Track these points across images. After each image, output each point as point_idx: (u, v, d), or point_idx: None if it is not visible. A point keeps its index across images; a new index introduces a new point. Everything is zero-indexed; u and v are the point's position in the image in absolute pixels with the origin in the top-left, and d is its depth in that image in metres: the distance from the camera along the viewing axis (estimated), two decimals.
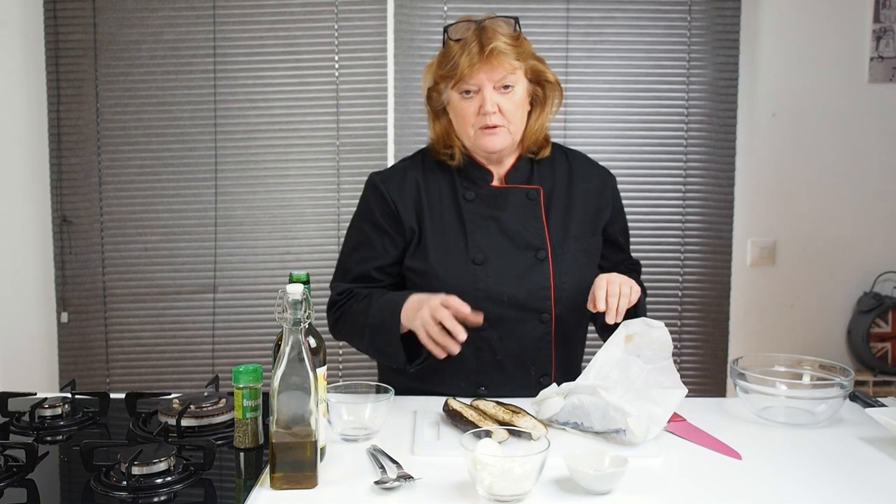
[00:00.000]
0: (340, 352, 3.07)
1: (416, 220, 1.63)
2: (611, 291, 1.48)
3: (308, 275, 1.27)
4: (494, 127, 1.56)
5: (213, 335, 3.06)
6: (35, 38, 2.93)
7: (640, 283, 1.68)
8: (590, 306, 1.51)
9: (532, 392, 1.49)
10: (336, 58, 2.99)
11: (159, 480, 1.17)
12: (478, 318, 1.48)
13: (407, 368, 1.56)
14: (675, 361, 1.48)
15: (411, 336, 1.53)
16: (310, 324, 1.23)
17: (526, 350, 1.61)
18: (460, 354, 1.57)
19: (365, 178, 2.95)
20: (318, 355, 1.27)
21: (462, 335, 1.45)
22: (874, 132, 3.04)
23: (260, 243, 3.05)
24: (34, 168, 2.99)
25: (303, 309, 1.17)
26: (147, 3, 2.94)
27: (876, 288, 3.08)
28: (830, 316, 3.12)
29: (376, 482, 1.18)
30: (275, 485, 1.17)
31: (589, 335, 1.76)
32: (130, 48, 2.96)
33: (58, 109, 2.96)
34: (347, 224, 2.97)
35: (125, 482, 1.15)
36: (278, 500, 1.15)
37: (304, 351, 1.16)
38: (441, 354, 1.47)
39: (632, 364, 1.45)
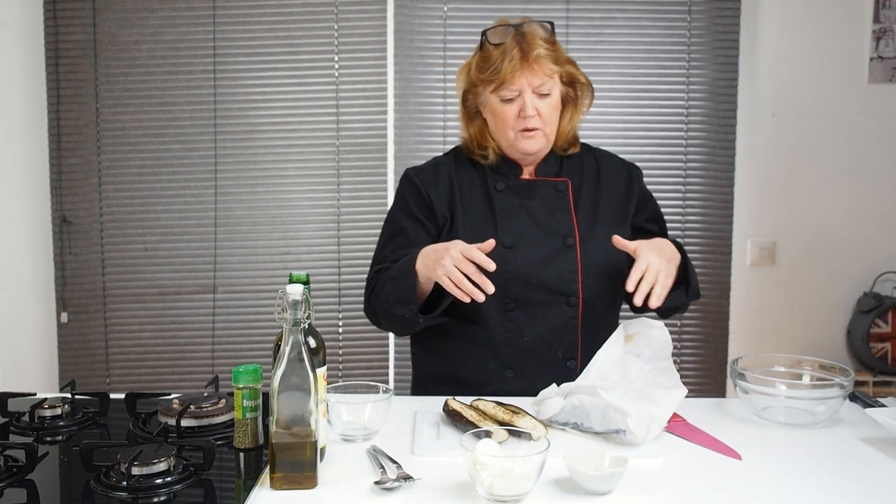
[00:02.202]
0: (340, 352, 3.08)
1: (449, 210, 1.69)
2: (647, 276, 1.48)
3: (308, 275, 1.27)
4: (533, 130, 1.61)
5: (213, 335, 3.06)
6: (35, 38, 2.93)
7: (680, 249, 1.66)
8: (627, 286, 1.50)
9: (557, 377, 1.50)
10: (336, 58, 2.99)
11: (159, 481, 1.17)
12: (491, 266, 1.47)
13: (418, 318, 1.58)
14: (675, 361, 1.48)
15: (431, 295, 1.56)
16: (310, 324, 1.23)
17: (553, 333, 1.63)
18: (488, 336, 1.61)
19: (364, 178, 3.02)
20: (318, 355, 1.27)
21: (490, 288, 1.46)
22: (874, 132, 3.04)
23: (260, 243, 3.05)
24: (34, 168, 2.99)
25: (302, 309, 1.17)
26: (147, 3, 2.94)
27: (876, 288, 3.08)
28: (830, 316, 3.12)
29: (376, 482, 1.18)
30: (275, 485, 1.17)
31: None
32: (130, 48, 2.96)
33: (58, 110, 2.96)
34: (347, 224, 3.02)
35: (125, 482, 1.15)
36: (278, 500, 1.15)
37: (303, 351, 1.16)
38: (466, 299, 1.47)
39: (632, 364, 1.45)
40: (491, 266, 1.45)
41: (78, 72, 2.96)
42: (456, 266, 1.46)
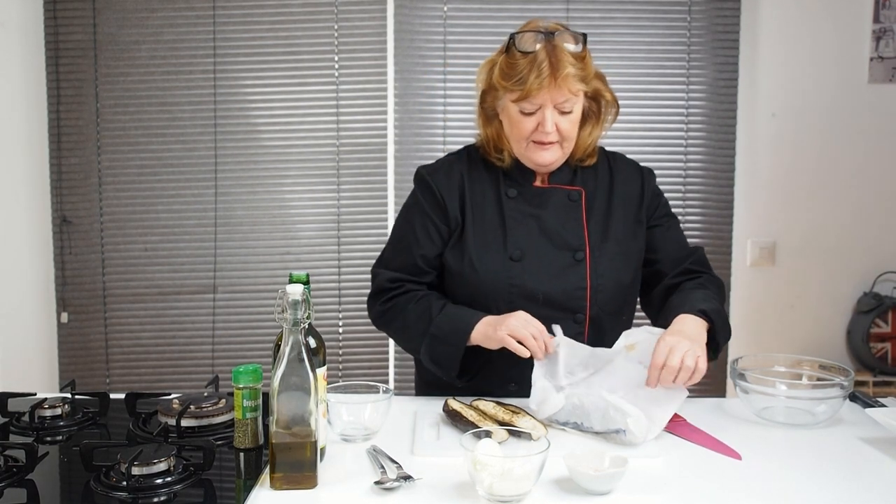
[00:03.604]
0: (340, 352, 3.08)
1: (461, 213, 1.64)
2: (669, 362, 1.40)
3: (308, 275, 1.27)
4: (549, 144, 1.57)
5: (213, 335, 3.06)
6: (35, 38, 2.93)
7: (718, 293, 1.62)
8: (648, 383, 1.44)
9: None
10: (336, 58, 2.99)
11: (159, 481, 1.17)
12: (552, 347, 1.48)
13: (455, 382, 1.56)
14: None
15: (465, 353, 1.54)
16: (310, 324, 1.23)
17: None
18: (492, 350, 1.55)
19: (364, 178, 3.02)
20: (318, 355, 1.27)
21: (552, 348, 1.46)
22: (874, 132, 3.04)
23: (260, 243, 3.05)
24: (34, 168, 2.99)
25: (302, 309, 1.17)
26: (147, 3, 2.94)
27: (876, 288, 3.08)
28: (830, 316, 3.11)
29: (376, 482, 1.18)
30: (275, 485, 1.17)
31: None
32: (130, 48, 2.96)
33: (58, 110, 2.96)
34: (347, 224, 3.02)
35: (125, 482, 1.15)
36: (278, 500, 1.15)
37: (303, 351, 1.16)
38: (526, 354, 1.46)
39: (632, 369, 1.44)
40: (552, 347, 1.47)
41: (78, 72, 2.96)
42: (522, 327, 1.46)
